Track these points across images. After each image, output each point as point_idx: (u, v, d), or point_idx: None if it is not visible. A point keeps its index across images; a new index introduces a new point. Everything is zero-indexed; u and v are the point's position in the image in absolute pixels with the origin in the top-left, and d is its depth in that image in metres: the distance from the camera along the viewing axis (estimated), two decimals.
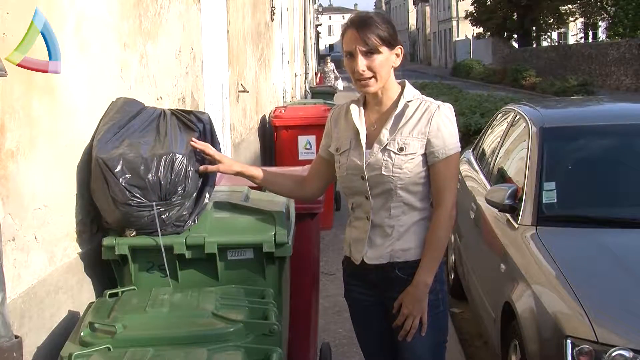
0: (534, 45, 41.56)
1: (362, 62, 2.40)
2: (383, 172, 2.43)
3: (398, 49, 2.46)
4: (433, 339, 2.50)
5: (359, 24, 2.41)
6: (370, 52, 2.39)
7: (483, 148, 5.46)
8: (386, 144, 2.44)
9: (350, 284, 2.68)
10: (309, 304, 3.50)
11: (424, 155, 2.44)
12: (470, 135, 7.73)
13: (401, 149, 2.43)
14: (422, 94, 2.56)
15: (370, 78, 2.42)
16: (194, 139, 2.70)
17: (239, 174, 2.74)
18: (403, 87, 2.52)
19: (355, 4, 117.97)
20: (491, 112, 7.71)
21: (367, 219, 2.51)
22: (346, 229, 2.66)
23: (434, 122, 2.42)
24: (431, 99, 2.52)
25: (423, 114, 2.45)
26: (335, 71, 22.55)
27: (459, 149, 2.48)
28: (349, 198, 2.59)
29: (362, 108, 2.56)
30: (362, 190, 2.49)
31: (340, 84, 21.49)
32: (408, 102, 2.48)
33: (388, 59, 2.43)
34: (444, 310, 2.55)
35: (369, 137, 2.50)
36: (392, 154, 2.43)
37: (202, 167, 2.67)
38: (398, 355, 2.55)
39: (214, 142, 2.86)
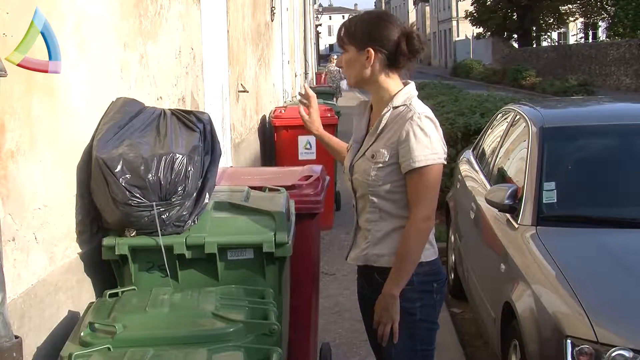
0: (534, 45, 41.55)
1: (340, 57, 2.52)
2: (358, 177, 2.50)
3: (367, 52, 2.39)
4: (407, 346, 2.48)
5: (343, 23, 2.51)
6: (344, 50, 2.47)
7: (483, 148, 5.45)
8: (366, 150, 2.49)
9: (357, 279, 2.73)
10: (309, 304, 3.50)
11: (397, 164, 2.40)
12: (470, 135, 7.70)
13: (372, 156, 2.44)
14: (421, 94, 2.54)
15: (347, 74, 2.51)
16: (306, 85, 2.88)
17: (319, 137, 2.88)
18: (399, 91, 2.46)
19: (355, 4, 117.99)
20: (491, 112, 7.68)
21: (355, 220, 2.60)
22: None
23: (403, 131, 2.36)
24: (417, 107, 2.42)
25: (398, 123, 2.40)
26: (341, 71, 22.47)
27: (435, 161, 2.36)
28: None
29: (368, 109, 2.61)
30: (351, 191, 2.60)
31: (345, 84, 21.46)
32: (395, 107, 2.43)
33: (355, 59, 2.43)
34: (423, 320, 2.49)
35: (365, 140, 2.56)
36: (367, 160, 2.46)
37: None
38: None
39: (214, 142, 2.86)
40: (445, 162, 2.42)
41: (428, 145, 2.35)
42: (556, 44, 43.29)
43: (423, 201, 2.39)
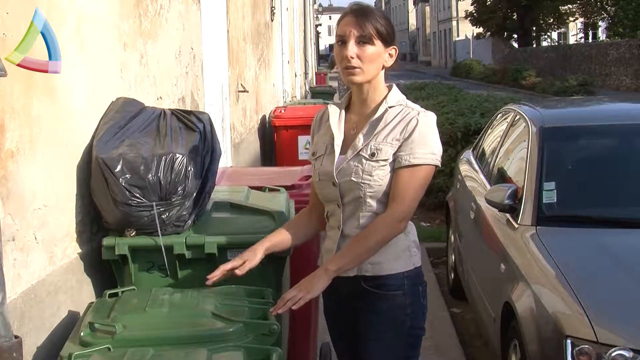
0: (534, 45, 41.55)
1: (352, 48, 2.27)
2: (352, 179, 2.29)
3: (392, 49, 2.34)
4: (396, 354, 2.39)
5: (359, 11, 2.30)
6: (363, 41, 2.27)
7: (483, 148, 5.45)
8: (360, 150, 2.31)
9: (324, 297, 2.54)
10: (309, 304, 3.49)
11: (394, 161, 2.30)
12: (470, 135, 7.70)
13: (372, 155, 2.29)
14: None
15: (357, 67, 2.29)
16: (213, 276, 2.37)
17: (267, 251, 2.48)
18: (389, 90, 2.40)
19: None
20: (491, 112, 7.68)
21: (338, 229, 2.37)
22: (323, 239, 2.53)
23: (409, 128, 2.28)
24: (416, 106, 2.37)
25: (401, 120, 2.31)
26: None
27: (432, 162, 2.28)
28: (325, 206, 2.45)
29: (343, 111, 2.45)
30: (334, 198, 2.36)
31: None
32: (390, 107, 2.35)
33: (380, 54, 2.31)
34: (412, 326, 2.39)
35: (346, 142, 2.37)
36: (364, 160, 2.29)
37: (238, 272, 2.37)
38: None
39: (214, 142, 2.86)
40: (440, 166, 2.35)
41: (430, 144, 2.29)
42: (556, 44, 43.30)
43: (406, 199, 2.27)
